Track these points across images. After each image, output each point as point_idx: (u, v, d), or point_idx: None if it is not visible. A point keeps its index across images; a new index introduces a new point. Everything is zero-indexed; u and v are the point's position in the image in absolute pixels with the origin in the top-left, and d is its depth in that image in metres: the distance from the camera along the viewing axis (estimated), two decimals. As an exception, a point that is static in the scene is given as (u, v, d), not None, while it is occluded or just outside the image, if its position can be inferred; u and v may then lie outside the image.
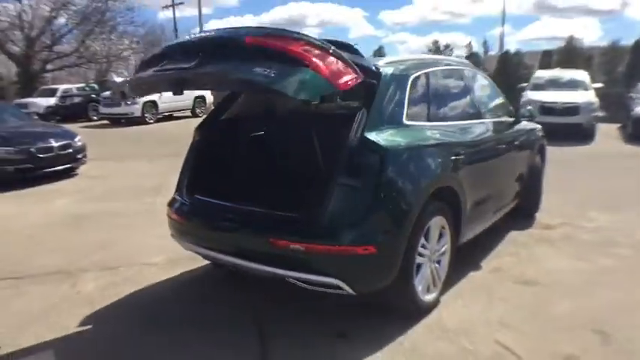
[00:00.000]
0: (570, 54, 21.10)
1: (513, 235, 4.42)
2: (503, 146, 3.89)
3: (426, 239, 2.88)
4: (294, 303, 3.09)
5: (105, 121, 18.11)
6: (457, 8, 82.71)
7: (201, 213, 3.04)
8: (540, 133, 5.04)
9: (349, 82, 2.34)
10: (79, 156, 8.30)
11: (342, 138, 2.54)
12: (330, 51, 2.36)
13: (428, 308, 2.94)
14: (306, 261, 2.49)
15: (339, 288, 2.50)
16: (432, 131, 3.03)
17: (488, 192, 3.69)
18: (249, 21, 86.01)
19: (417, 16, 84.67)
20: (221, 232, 2.86)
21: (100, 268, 3.95)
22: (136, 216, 5.51)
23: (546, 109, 10.72)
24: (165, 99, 17.66)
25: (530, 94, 11.58)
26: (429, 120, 3.10)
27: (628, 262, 3.78)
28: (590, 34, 67.72)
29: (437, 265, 3.04)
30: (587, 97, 10.97)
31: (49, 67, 25.03)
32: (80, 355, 2.68)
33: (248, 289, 3.39)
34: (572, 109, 10.58)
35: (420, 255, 2.82)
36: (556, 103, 10.73)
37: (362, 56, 2.79)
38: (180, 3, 34.48)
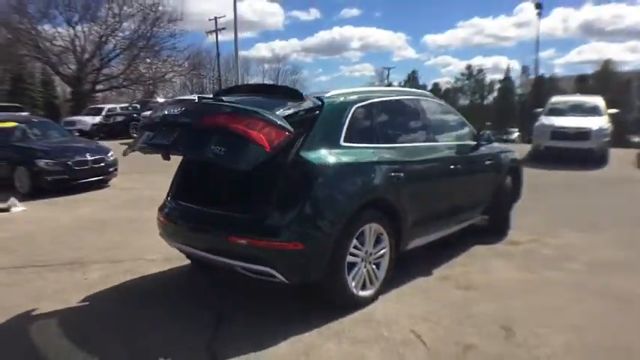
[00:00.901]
0: (606, 78, 20.91)
1: (477, 249, 4.79)
2: (458, 166, 4.33)
3: (361, 242, 3.38)
4: (253, 295, 3.65)
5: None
6: (502, 31, 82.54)
7: (180, 215, 3.68)
8: (512, 157, 5.45)
9: (281, 141, 2.94)
10: (111, 169, 9.24)
11: (284, 156, 3.12)
12: (268, 121, 2.96)
13: (363, 302, 3.41)
14: (248, 253, 3.07)
15: (274, 276, 3.05)
16: (370, 151, 3.54)
17: (438, 206, 4.15)
18: (294, 44, 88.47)
19: (461, 39, 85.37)
20: (192, 231, 3.49)
21: (108, 261, 4.66)
22: (148, 222, 6.21)
23: (557, 133, 10.91)
24: None
25: (544, 119, 11.77)
26: (371, 142, 3.61)
27: (574, 276, 4.07)
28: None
29: (374, 266, 3.52)
30: (599, 122, 11.06)
31: (98, 87, 27.08)
32: (75, 321, 3.34)
33: (221, 282, 3.97)
34: (583, 134, 10.71)
35: (353, 255, 3.32)
36: (567, 128, 10.89)
37: (303, 99, 3.35)
38: (222, 28, 36.79)
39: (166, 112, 3.29)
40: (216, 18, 35.49)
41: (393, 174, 3.56)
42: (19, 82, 32.10)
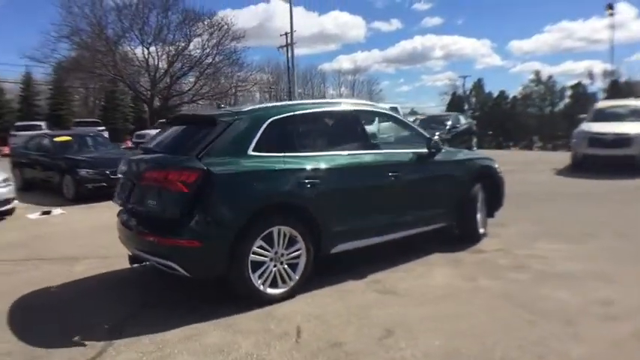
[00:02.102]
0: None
1: (434, 256, 4.76)
2: (398, 174, 4.42)
3: (269, 243, 3.65)
4: (183, 288, 4.05)
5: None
6: (594, 35, 77.21)
7: (123, 220, 4.15)
8: (482, 164, 5.38)
9: (196, 180, 3.42)
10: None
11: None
12: (181, 167, 3.48)
13: (273, 299, 3.65)
14: (158, 250, 3.49)
15: (177, 270, 3.43)
16: (281, 160, 3.78)
17: (372, 213, 4.27)
18: (375, 55, 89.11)
19: (549, 44, 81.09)
20: (126, 232, 3.97)
21: (98, 257, 5.31)
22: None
23: (595, 140, 10.24)
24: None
25: (584, 126, 11.07)
26: (285, 151, 3.85)
27: (511, 285, 3.94)
28: None
29: (286, 266, 3.76)
30: (643, 128, 10.17)
31: (169, 103, 29.45)
32: (39, 300, 4.03)
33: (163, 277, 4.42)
34: (623, 141, 9.92)
35: (259, 255, 3.58)
36: (606, 134, 10.16)
37: (215, 123, 3.77)
38: (294, 43, 38.49)
39: (123, 168, 4.09)
40: (286, 33, 37.34)
41: (305, 181, 3.79)
42: (112, 99, 35.72)
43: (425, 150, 4.76)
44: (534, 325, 3.18)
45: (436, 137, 4.95)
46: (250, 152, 3.69)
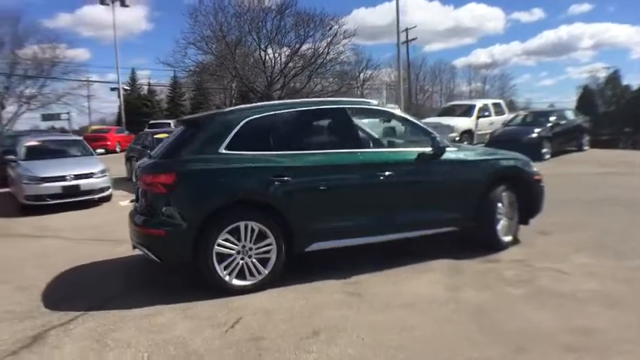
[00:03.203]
0: None
1: (434, 262, 4.45)
2: (391, 173, 4.23)
3: (237, 237, 3.83)
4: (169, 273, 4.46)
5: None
6: None
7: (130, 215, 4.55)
8: (506, 165, 4.86)
9: (174, 180, 3.77)
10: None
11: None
12: (161, 169, 3.87)
13: (239, 290, 3.83)
14: (140, 238, 3.96)
15: (150, 256, 3.83)
16: (251, 158, 3.91)
17: (357, 213, 4.19)
18: (514, 48, 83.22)
19: None
20: (130, 226, 4.39)
21: (102, 241, 6.10)
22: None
23: None
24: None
25: None
26: (259, 150, 3.97)
27: (494, 299, 3.55)
28: None
29: (255, 260, 3.90)
30: None
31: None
32: (76, 274, 4.75)
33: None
34: None
35: (224, 247, 3.79)
36: None
37: (199, 124, 4.12)
38: (414, 39, 38.00)
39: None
40: (407, 29, 37.07)
41: (274, 178, 3.88)
42: (245, 98, 38.83)
43: (426, 149, 4.47)
44: (475, 347, 2.87)
45: (453, 135, 4.61)
46: (222, 151, 3.90)
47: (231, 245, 3.83)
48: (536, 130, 12.42)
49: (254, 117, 4.10)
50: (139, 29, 66.79)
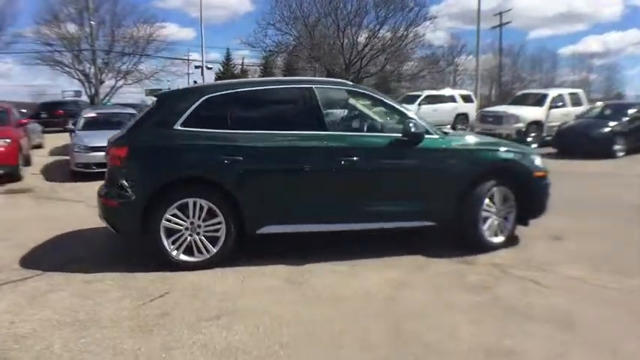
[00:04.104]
0: None
1: (404, 258, 4.13)
2: (355, 159, 3.96)
3: (185, 213, 3.85)
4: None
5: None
6: None
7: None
8: (500, 158, 4.34)
9: (127, 154, 3.87)
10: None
11: None
12: (117, 144, 3.98)
13: (185, 266, 3.86)
14: (100, 209, 4.12)
15: (107, 225, 4.00)
16: (204, 136, 3.87)
17: (312, 199, 4.01)
18: (631, 36, 74.33)
19: None
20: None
21: None
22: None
23: None
24: (424, 114, 18.82)
25: None
26: (214, 128, 3.91)
27: (432, 303, 3.23)
28: None
29: (203, 237, 3.89)
30: None
31: (362, 85, 30.80)
32: (76, 236, 5.10)
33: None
34: None
35: (172, 222, 3.82)
36: None
37: (159, 95, 4.21)
38: (507, 22, 35.57)
39: None
40: (500, 13, 34.84)
41: (224, 157, 3.82)
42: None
43: (398, 135, 4.11)
44: (360, 351, 2.62)
45: (423, 122, 4.22)
46: (177, 127, 3.91)
47: (179, 221, 3.86)
48: (611, 124, 10.95)
49: (214, 94, 4.05)
50: (243, 10, 69.27)
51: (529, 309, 3.14)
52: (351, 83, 4.71)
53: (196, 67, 31.93)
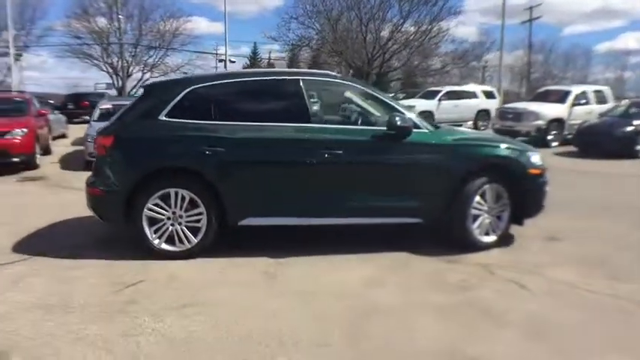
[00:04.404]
0: None
1: (383, 255, 4.03)
2: (339, 152, 3.90)
3: (168, 203, 3.87)
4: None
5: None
6: None
7: None
8: (492, 154, 4.20)
9: (112, 143, 3.92)
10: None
11: None
12: (104, 133, 4.04)
13: (167, 255, 3.88)
14: (87, 197, 4.16)
15: (93, 213, 4.06)
16: (187, 126, 3.87)
17: (295, 192, 3.97)
18: None
19: None
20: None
21: None
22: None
23: None
24: (444, 110, 18.74)
25: None
26: (200, 119, 3.91)
27: (397, 304, 3.13)
28: None
29: (184, 227, 3.91)
30: None
31: (384, 79, 30.40)
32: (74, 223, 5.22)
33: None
34: None
35: (156, 212, 3.85)
36: None
37: (146, 86, 4.23)
38: (538, 17, 34.65)
39: None
40: (530, 7, 34.04)
41: (207, 148, 3.81)
42: (360, 75, 38.64)
43: (384, 129, 4.02)
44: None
45: (411, 115, 4.11)
46: (161, 118, 3.92)
47: (161, 210, 3.88)
48: (635, 122, 10.47)
49: (199, 85, 4.05)
50: (273, 4, 69.45)
51: (505, 313, 3.01)
52: (339, 75, 4.64)
53: (220, 60, 32.23)
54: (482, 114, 18.87)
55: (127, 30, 34.06)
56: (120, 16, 31.51)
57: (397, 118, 3.93)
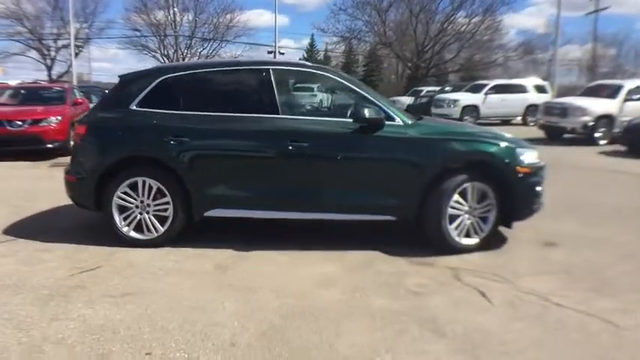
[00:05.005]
0: None
1: (362, 254, 3.86)
2: (304, 145, 3.76)
3: (136, 192, 3.92)
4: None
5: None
6: None
7: None
8: (473, 149, 3.90)
9: (86, 132, 4.05)
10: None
11: None
12: (81, 122, 4.19)
13: (136, 242, 3.94)
14: (64, 183, 4.28)
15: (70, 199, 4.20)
16: (155, 116, 3.89)
17: (260, 184, 3.90)
18: None
19: None
20: None
21: None
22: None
23: None
24: (490, 104, 17.91)
25: None
26: (169, 109, 3.92)
27: (312, 301, 2.99)
28: None
29: (152, 216, 3.94)
30: None
31: (432, 72, 29.53)
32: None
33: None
34: None
35: (124, 200, 3.92)
36: None
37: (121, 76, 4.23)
38: (605, 8, 32.42)
39: None
40: None
41: (172, 138, 3.82)
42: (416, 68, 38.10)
43: (349, 120, 3.84)
44: (223, 347, 2.48)
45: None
46: (132, 107, 3.98)
47: (129, 199, 3.95)
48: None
49: (170, 75, 4.06)
50: None
51: (447, 324, 2.76)
52: (313, 65, 4.46)
53: (269, 52, 32.62)
54: (532, 109, 17.71)
55: (182, 22, 35.37)
56: (175, 10, 32.77)
57: (365, 110, 3.73)
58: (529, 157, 4.04)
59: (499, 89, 18.00)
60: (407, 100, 24.61)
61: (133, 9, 34.82)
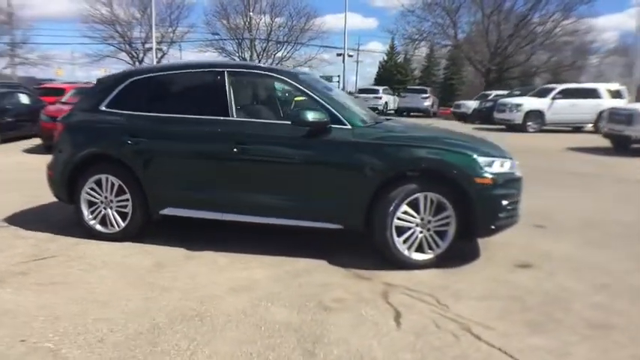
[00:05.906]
0: None
1: (306, 262, 3.77)
2: (246, 147, 3.80)
3: (100, 188, 4.17)
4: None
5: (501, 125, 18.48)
6: None
7: None
8: (425, 157, 3.62)
9: (63, 130, 4.38)
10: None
11: None
12: (60, 121, 4.50)
13: (100, 237, 4.19)
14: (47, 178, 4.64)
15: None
16: (118, 116, 4.11)
17: (208, 185, 3.96)
18: None
19: None
20: None
21: None
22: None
23: None
24: (557, 110, 16.54)
25: None
26: (133, 110, 4.12)
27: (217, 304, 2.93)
28: None
29: (115, 212, 4.16)
30: None
31: (505, 75, 27.76)
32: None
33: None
34: None
35: (91, 196, 4.18)
36: None
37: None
38: None
39: None
40: None
41: (130, 138, 4.01)
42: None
43: (287, 122, 3.79)
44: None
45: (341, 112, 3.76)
46: (102, 108, 4.24)
47: (95, 195, 4.20)
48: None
49: (138, 77, 4.27)
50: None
51: (323, 346, 2.57)
52: (267, 67, 4.42)
53: (338, 54, 32.77)
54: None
55: (258, 26, 36.78)
56: (250, 14, 34.14)
57: (306, 113, 3.63)
58: (497, 167, 3.68)
59: (568, 93, 16.55)
60: (473, 104, 23.53)
61: (213, 14, 36.90)
